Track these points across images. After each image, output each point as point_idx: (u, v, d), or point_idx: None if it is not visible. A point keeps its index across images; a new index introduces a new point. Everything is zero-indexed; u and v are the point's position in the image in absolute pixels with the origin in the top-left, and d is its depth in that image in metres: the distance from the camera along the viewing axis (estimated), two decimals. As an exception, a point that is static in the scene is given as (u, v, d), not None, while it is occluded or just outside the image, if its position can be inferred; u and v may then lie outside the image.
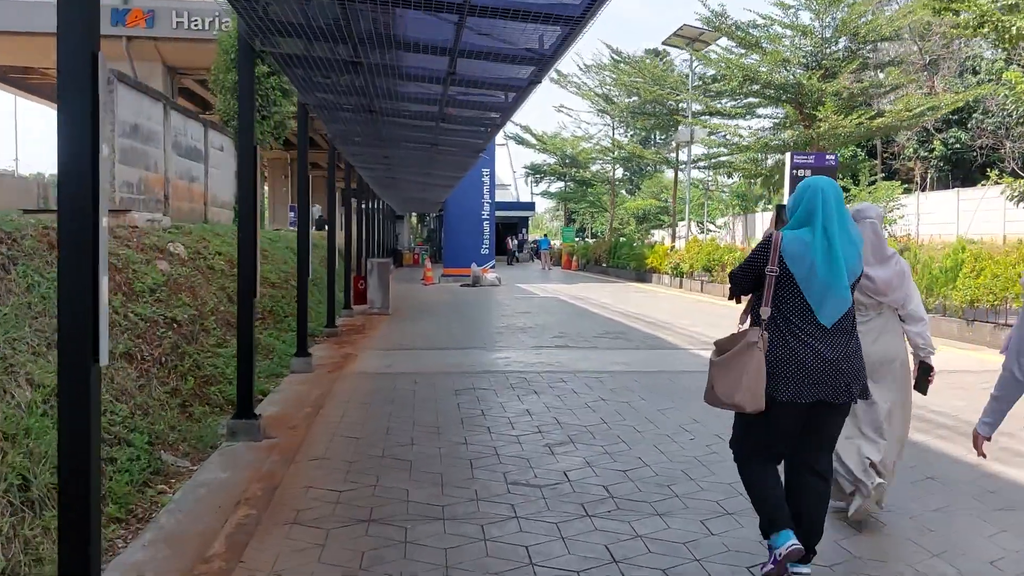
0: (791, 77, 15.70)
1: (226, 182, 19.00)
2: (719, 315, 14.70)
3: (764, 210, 47.87)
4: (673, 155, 29.29)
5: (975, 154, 32.80)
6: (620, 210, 65.59)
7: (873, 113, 16.00)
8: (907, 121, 15.82)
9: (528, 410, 6.43)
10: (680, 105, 27.88)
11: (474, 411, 6.38)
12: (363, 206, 32.31)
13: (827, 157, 10.77)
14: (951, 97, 19.72)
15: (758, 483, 3.22)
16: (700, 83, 25.38)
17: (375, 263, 14.44)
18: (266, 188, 56.07)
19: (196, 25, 21.62)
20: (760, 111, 21.75)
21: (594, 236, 65.28)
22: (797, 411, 3.10)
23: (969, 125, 33.43)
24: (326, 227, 33.30)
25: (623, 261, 28.98)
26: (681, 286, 23.04)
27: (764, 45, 18.11)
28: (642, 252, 26.70)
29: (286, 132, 20.20)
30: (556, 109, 36.83)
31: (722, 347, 3.27)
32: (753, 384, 3.05)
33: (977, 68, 33.60)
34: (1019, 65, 17.13)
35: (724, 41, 20.87)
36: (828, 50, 18.15)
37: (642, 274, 26.87)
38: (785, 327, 3.11)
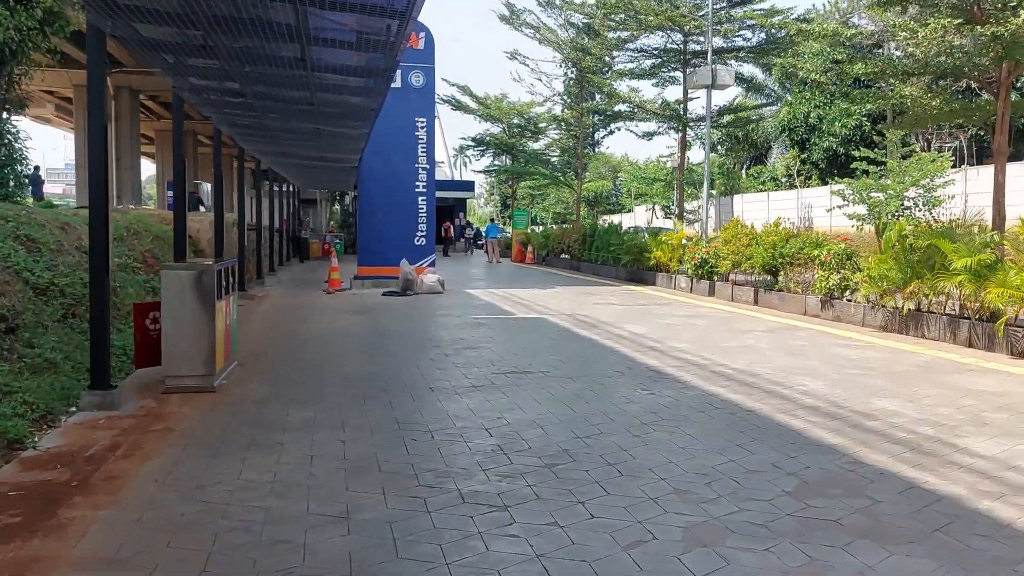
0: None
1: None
2: (910, 376, 6.97)
3: (768, 188, 40.83)
4: (682, 107, 21.64)
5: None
6: (568, 193, 58.21)
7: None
8: None
9: None
10: (689, 41, 20.34)
11: None
12: (274, 188, 23.72)
13: None
14: None
15: None
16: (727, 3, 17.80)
17: (178, 278, 6.23)
18: (152, 164, 46.36)
19: None
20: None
21: (535, 223, 57.67)
22: None
23: (1019, 84, 27.27)
24: (201, 207, 24.51)
25: (608, 254, 21.29)
26: (713, 293, 15.51)
27: None
28: (642, 243, 19.05)
29: (68, 30, 11.56)
30: (509, 56, 28.83)
31: None
32: None
33: None
34: None
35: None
36: None
37: (639, 273, 19.28)
38: None
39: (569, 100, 31.04)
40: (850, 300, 11.63)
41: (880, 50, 13.83)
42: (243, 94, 8.15)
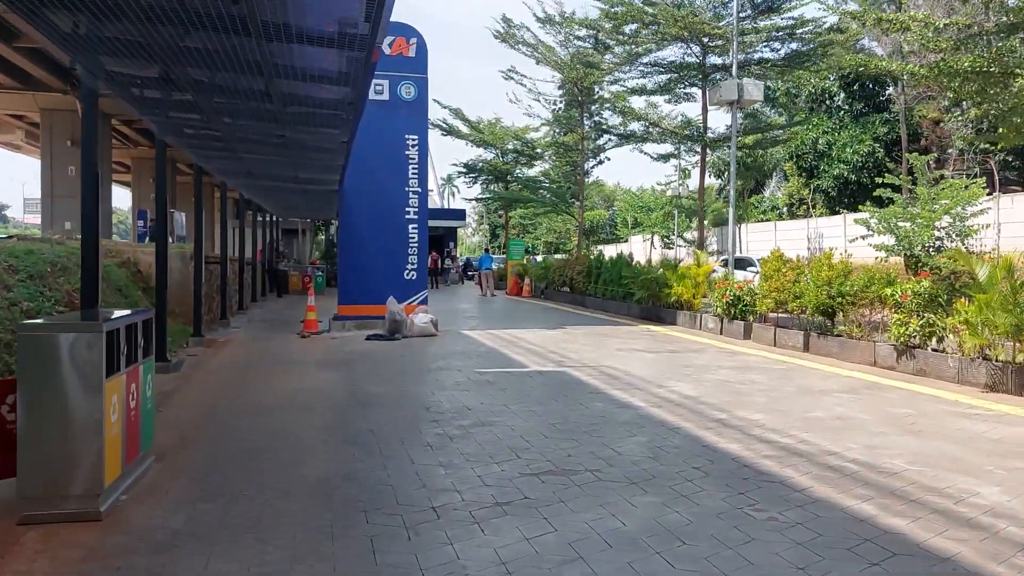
0: None
1: None
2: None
3: (772, 217, 38.76)
4: (702, 124, 19.69)
5: (1060, 145, 25.10)
6: (560, 222, 56.38)
7: None
8: None
9: None
10: (709, 53, 18.50)
11: None
12: (245, 217, 21.54)
13: None
14: None
15: None
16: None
17: (42, 345, 4.02)
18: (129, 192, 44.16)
19: None
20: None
21: (531, 252, 55.67)
22: None
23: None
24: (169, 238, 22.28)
25: (619, 288, 19.18)
26: (749, 336, 13.41)
27: None
28: (659, 277, 16.95)
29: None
30: (505, 75, 26.69)
31: None
32: None
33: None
34: None
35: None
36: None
37: (655, 310, 17.16)
38: None
39: (564, 124, 29.18)
40: (937, 350, 9.55)
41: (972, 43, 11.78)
42: (173, 81, 6.00)
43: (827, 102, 34.34)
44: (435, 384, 8.63)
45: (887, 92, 32.66)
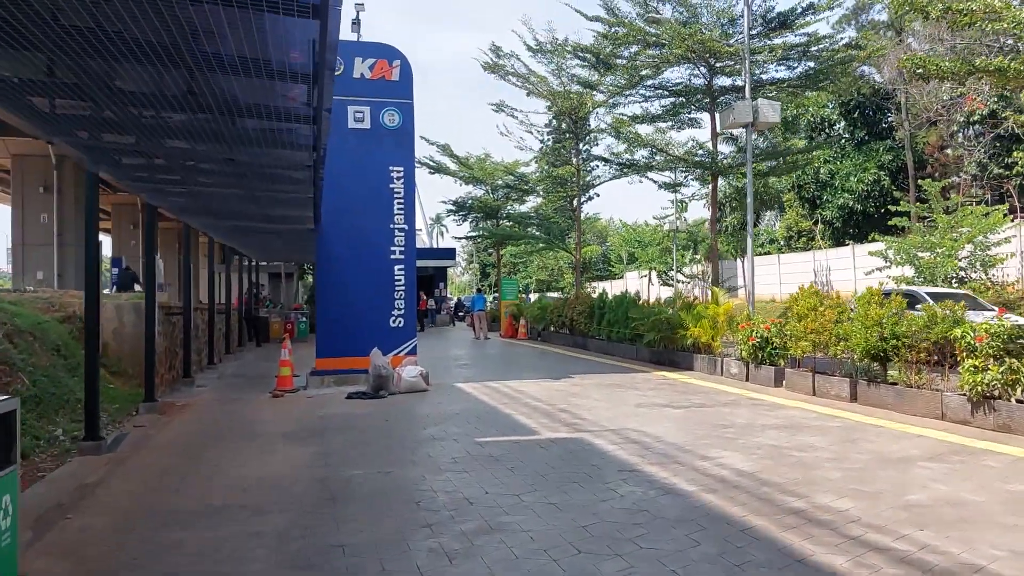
0: None
1: None
2: None
3: (772, 250, 37.52)
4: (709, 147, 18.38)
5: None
6: (552, 259, 55.08)
7: None
8: None
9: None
10: (717, 74, 17.27)
11: None
12: (213, 261, 20.02)
13: None
14: None
15: None
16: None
17: None
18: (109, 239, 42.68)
19: None
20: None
21: (524, 291, 54.21)
22: None
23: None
24: (136, 286, 20.59)
25: (626, 330, 17.64)
26: (781, 383, 11.85)
27: None
28: (672, 317, 15.42)
29: None
30: (496, 108, 25.27)
31: None
32: None
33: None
34: None
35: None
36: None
37: (668, 354, 15.61)
38: None
39: (556, 157, 27.96)
40: (1023, 401, 8.03)
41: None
42: (68, 84, 4.50)
43: (827, 130, 33.33)
44: (427, 463, 7.00)
45: (889, 119, 31.68)
